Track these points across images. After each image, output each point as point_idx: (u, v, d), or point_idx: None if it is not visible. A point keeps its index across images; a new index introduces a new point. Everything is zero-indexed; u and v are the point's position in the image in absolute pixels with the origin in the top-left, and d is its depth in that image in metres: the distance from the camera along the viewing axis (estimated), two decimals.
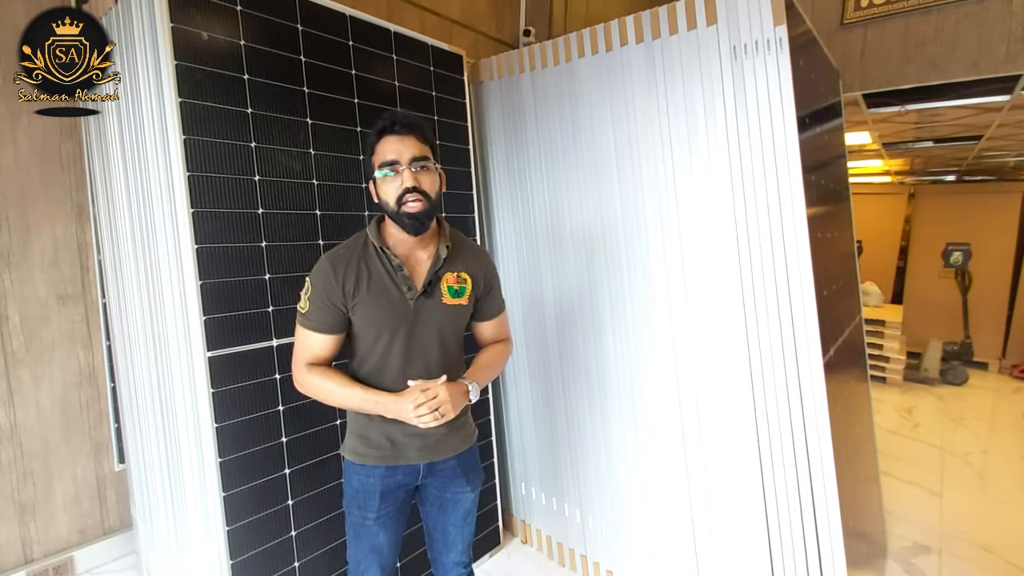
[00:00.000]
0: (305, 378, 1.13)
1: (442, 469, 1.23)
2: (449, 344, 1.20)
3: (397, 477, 1.20)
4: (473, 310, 1.24)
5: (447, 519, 1.27)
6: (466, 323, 1.25)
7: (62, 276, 1.81)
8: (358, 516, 1.20)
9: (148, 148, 1.35)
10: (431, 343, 1.16)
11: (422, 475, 1.22)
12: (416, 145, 1.09)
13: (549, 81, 1.90)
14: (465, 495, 1.26)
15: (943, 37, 2.28)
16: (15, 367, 1.73)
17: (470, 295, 1.20)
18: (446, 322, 1.17)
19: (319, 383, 1.12)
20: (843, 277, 1.91)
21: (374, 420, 1.17)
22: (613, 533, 1.91)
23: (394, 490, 1.20)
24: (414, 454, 1.19)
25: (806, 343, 1.38)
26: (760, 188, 1.41)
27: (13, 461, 1.75)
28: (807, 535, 1.43)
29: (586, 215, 1.85)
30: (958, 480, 2.95)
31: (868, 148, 4.21)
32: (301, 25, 1.51)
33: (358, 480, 1.19)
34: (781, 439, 1.44)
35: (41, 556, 1.83)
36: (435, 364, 1.16)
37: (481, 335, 1.32)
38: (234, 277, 1.35)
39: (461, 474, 1.24)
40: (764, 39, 1.37)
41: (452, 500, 1.25)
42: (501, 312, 1.32)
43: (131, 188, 1.47)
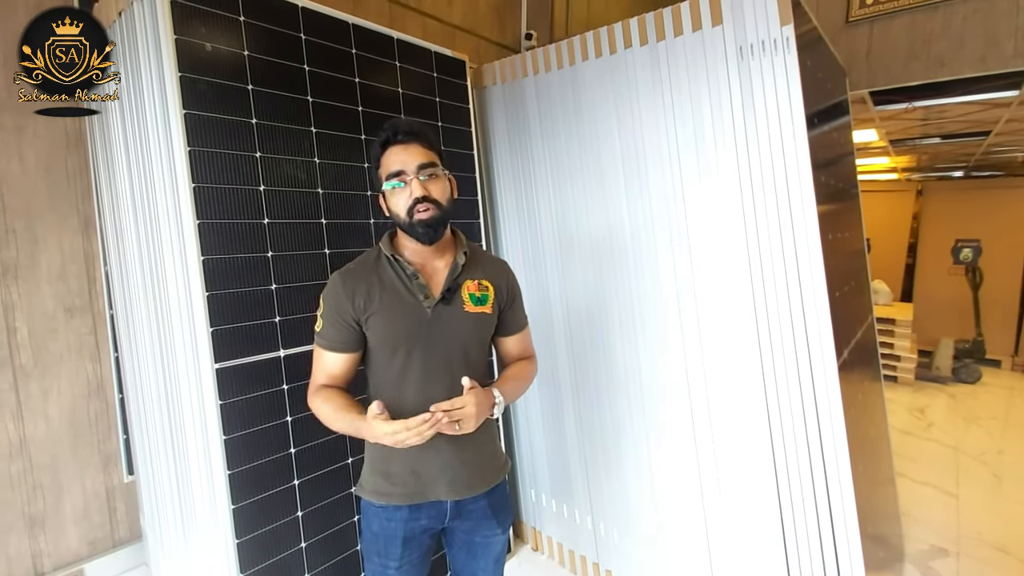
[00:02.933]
0: (312, 400, 1.08)
1: (471, 510, 1.13)
2: (474, 359, 1.10)
3: (421, 520, 1.10)
4: (497, 323, 1.16)
5: (477, 564, 1.18)
6: (491, 335, 1.16)
7: (69, 289, 1.82)
8: (378, 564, 1.11)
9: (153, 159, 1.35)
10: (454, 357, 1.07)
11: (449, 517, 1.12)
12: (421, 152, 1.04)
13: (553, 85, 1.89)
14: (496, 538, 1.17)
15: (950, 33, 2.25)
16: (24, 380, 1.73)
17: (493, 303, 1.13)
18: (470, 332, 1.09)
19: (320, 406, 1.05)
20: (854, 277, 1.89)
21: (395, 452, 1.05)
22: (626, 540, 1.89)
23: (418, 535, 1.11)
24: (443, 489, 1.08)
25: (820, 346, 1.35)
26: (769, 189, 1.40)
27: (23, 474, 1.75)
28: (824, 541, 1.40)
29: (592, 219, 1.83)
30: (973, 481, 2.90)
31: (874, 145, 4.17)
32: (304, 34, 1.50)
33: (379, 524, 1.10)
34: (796, 443, 1.42)
35: (52, 569, 1.82)
36: (459, 382, 1.03)
37: (506, 351, 1.23)
38: (240, 288, 1.35)
39: (491, 515, 1.14)
40: (771, 39, 1.36)
41: (482, 544, 1.16)
42: (525, 327, 1.24)
43: (137, 199, 1.47)
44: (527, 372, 1.21)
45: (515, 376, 1.17)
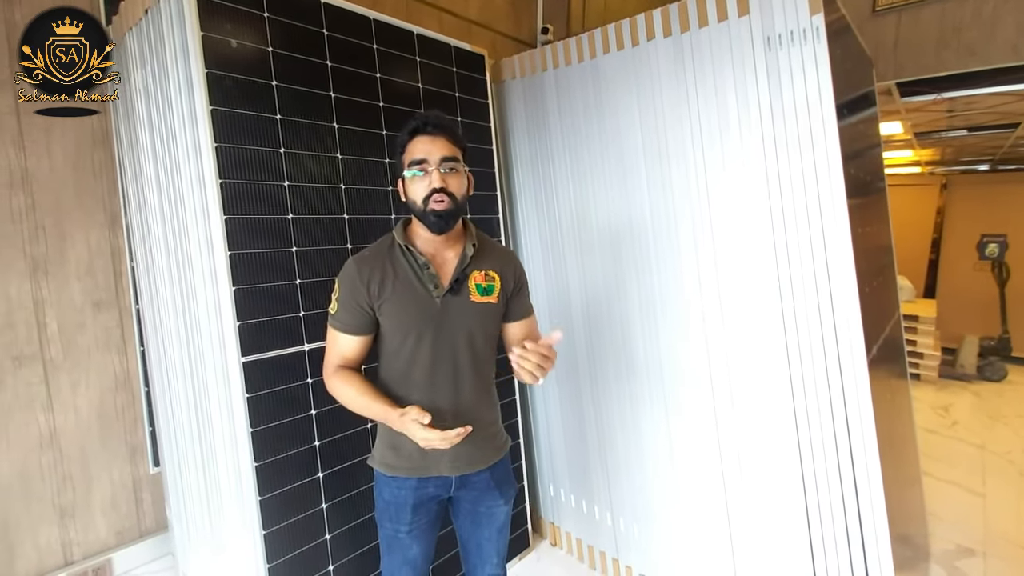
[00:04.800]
0: (331, 380, 1.13)
1: (475, 482, 1.20)
2: (478, 347, 1.16)
3: (429, 489, 1.18)
4: (504, 310, 1.22)
5: (481, 533, 1.25)
6: (497, 325, 1.21)
7: (97, 283, 1.85)
8: (390, 529, 1.19)
9: (180, 156, 1.36)
10: (460, 345, 1.13)
11: (454, 487, 1.20)
12: (446, 146, 1.08)
13: (573, 79, 1.87)
14: (499, 508, 1.23)
15: (981, 22, 2.19)
16: (54, 373, 1.77)
17: (499, 294, 1.17)
18: (475, 322, 1.14)
19: (341, 387, 1.11)
20: (882, 272, 1.85)
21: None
22: (646, 536, 1.88)
23: (426, 502, 1.19)
24: (446, 466, 1.16)
25: (849, 342, 1.33)
26: (798, 183, 1.37)
27: (53, 465, 1.79)
28: (852, 541, 1.38)
29: (613, 213, 1.82)
30: (1000, 480, 2.84)
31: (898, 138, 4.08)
32: (327, 30, 1.51)
33: (389, 492, 1.18)
34: (823, 440, 1.40)
35: (81, 558, 1.86)
36: (464, 368, 1.14)
37: (512, 337, 1.27)
38: (266, 283, 1.36)
39: (494, 487, 1.22)
40: (800, 29, 1.33)
41: (486, 514, 1.23)
42: (531, 315, 1.29)
43: (164, 196, 1.49)
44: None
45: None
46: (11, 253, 1.67)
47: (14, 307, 1.68)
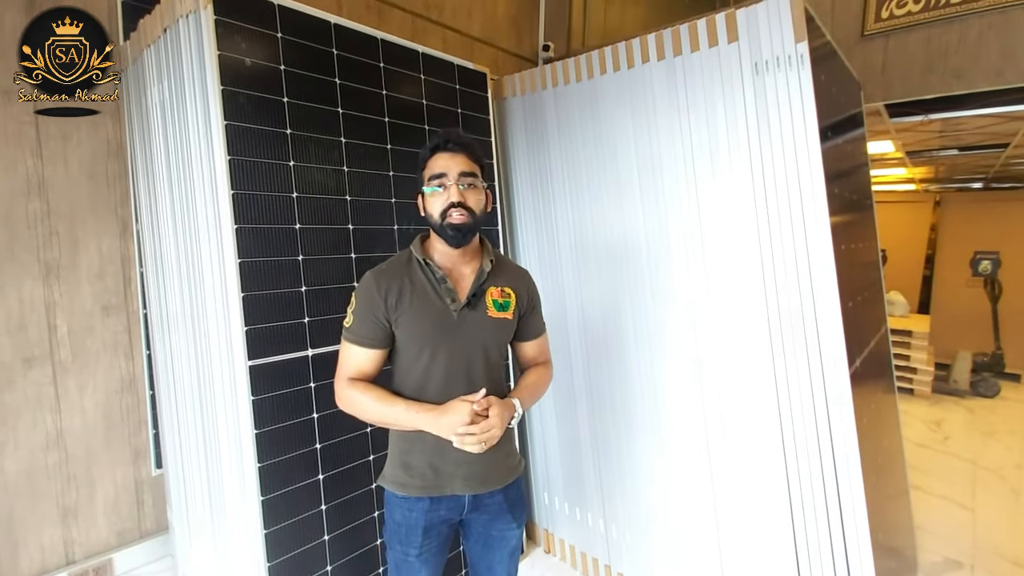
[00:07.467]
0: (345, 392, 1.12)
1: (488, 504, 1.19)
2: (493, 361, 1.17)
3: (441, 512, 1.16)
4: (516, 328, 1.23)
5: (492, 556, 1.23)
6: (509, 340, 1.23)
7: (107, 288, 1.90)
8: (400, 552, 1.17)
9: (194, 167, 1.42)
10: (475, 358, 1.14)
11: (467, 509, 1.18)
12: (466, 162, 1.12)
13: (572, 98, 1.94)
14: (511, 532, 1.22)
15: (966, 47, 2.27)
16: (62, 375, 1.82)
17: (514, 310, 1.19)
18: (490, 336, 1.16)
19: (359, 397, 1.10)
20: (868, 287, 1.91)
21: (416, 445, 1.14)
22: (638, 544, 1.91)
23: (437, 525, 1.17)
24: (459, 484, 1.14)
25: (832, 356, 1.38)
26: (783, 203, 1.43)
27: (59, 465, 1.83)
28: (835, 550, 1.42)
29: (609, 230, 1.88)
30: (990, 495, 2.88)
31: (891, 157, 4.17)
32: (336, 49, 1.58)
33: (400, 514, 1.16)
34: (808, 451, 1.45)
35: (82, 558, 1.90)
36: (479, 382, 1.13)
37: (524, 355, 1.30)
38: (273, 290, 1.41)
39: (507, 510, 1.20)
40: (785, 55, 1.40)
41: (498, 538, 1.22)
42: (543, 333, 1.31)
43: (176, 205, 1.55)
44: (543, 379, 1.28)
45: (532, 384, 1.24)
46: (25, 257, 1.73)
47: (26, 309, 1.73)
